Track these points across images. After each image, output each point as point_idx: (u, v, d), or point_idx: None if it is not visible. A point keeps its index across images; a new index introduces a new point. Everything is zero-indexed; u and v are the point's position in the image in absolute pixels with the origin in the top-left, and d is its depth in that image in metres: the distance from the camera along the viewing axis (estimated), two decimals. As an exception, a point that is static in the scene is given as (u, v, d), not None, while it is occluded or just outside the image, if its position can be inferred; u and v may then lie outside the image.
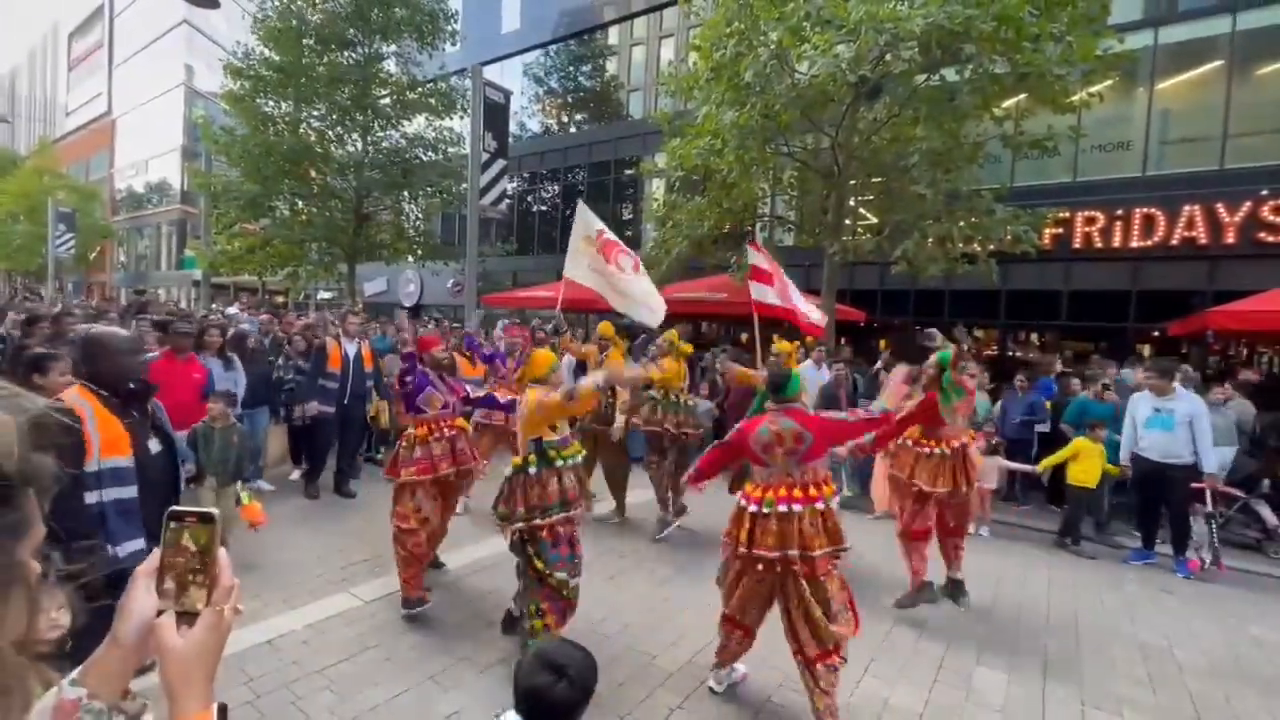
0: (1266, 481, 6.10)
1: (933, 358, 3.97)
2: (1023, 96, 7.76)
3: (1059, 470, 5.94)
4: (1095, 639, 3.94)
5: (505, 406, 3.59)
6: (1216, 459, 5.27)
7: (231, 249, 14.75)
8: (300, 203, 14.42)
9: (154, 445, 2.56)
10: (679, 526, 5.38)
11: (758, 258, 6.52)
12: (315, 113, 14.00)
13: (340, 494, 5.94)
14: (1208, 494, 5.31)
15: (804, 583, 2.74)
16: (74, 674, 0.72)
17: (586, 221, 5.41)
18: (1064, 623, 4.15)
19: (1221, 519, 5.65)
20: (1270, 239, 9.56)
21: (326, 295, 23.77)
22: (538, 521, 3.05)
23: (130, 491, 2.43)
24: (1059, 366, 7.49)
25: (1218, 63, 10.43)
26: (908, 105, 7.98)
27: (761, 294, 6.41)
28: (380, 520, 5.32)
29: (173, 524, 0.71)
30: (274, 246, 14.26)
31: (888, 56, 7.27)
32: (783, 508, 2.76)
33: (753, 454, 2.90)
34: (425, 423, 3.87)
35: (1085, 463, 5.70)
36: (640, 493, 6.05)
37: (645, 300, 5.42)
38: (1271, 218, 9.54)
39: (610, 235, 5.44)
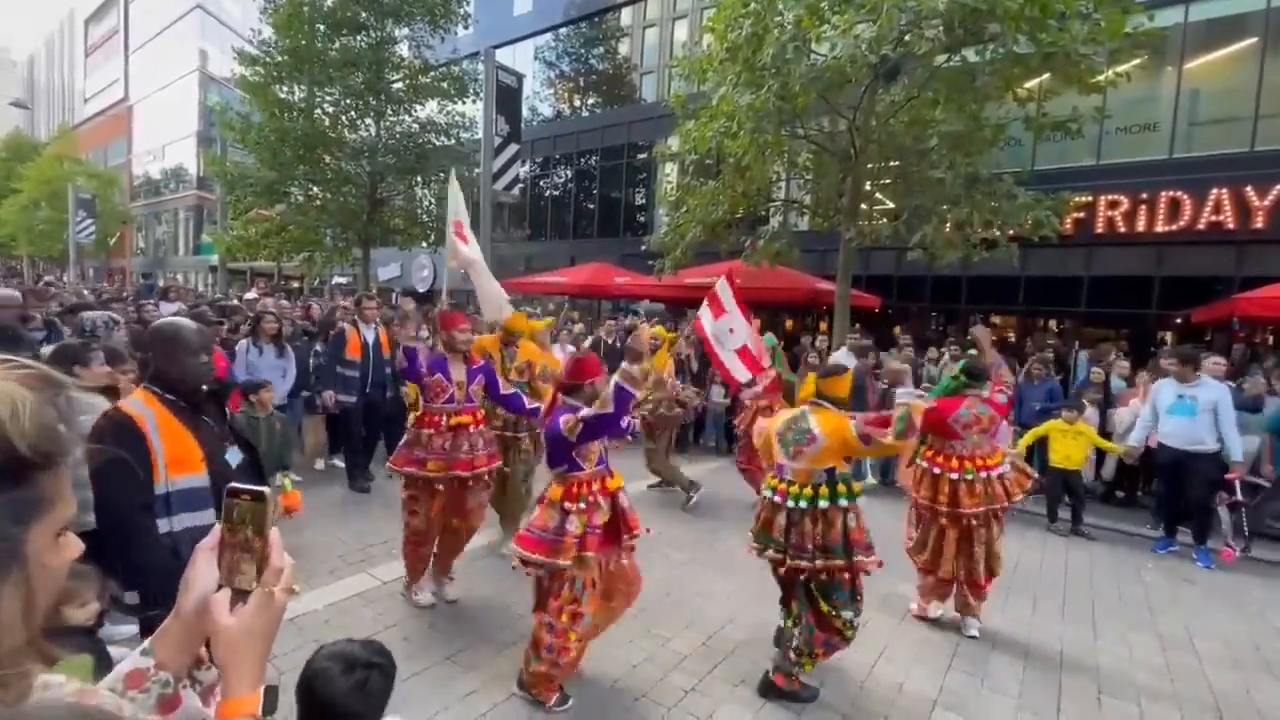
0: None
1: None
2: (1046, 77, 7.56)
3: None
4: (1113, 628, 3.91)
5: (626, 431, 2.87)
6: (1243, 448, 5.19)
7: (248, 234, 14.90)
8: (315, 188, 14.50)
9: (234, 456, 2.09)
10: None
11: (725, 291, 5.58)
12: (329, 97, 14.01)
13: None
14: (1236, 483, 5.25)
15: (985, 530, 3.62)
16: (145, 643, 0.74)
17: (458, 200, 4.92)
18: (1081, 611, 4.12)
19: (1249, 509, 5.59)
20: (1302, 223, 9.31)
21: (342, 280, 23.94)
22: (819, 564, 2.77)
23: (205, 517, 1.96)
24: (1115, 355, 7.42)
25: (1251, 40, 10.10)
26: (927, 87, 7.81)
27: (706, 320, 5.56)
28: (397, 506, 5.40)
29: (230, 500, 0.72)
30: (289, 232, 14.37)
31: (908, 37, 7.11)
32: (984, 474, 3.55)
33: (949, 429, 3.57)
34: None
35: (1065, 445, 5.67)
36: (639, 482, 6.10)
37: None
38: (1303, 201, 9.28)
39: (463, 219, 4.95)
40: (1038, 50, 6.72)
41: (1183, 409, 5.19)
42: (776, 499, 2.92)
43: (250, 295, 12.25)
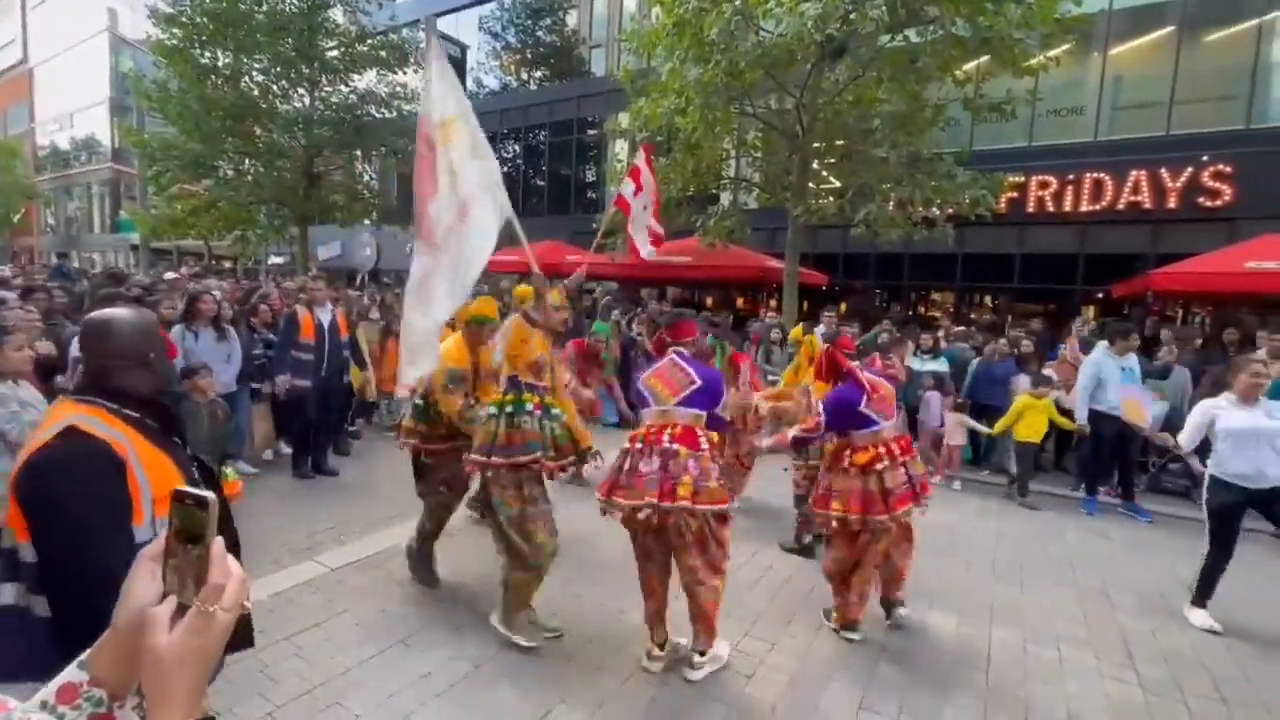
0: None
1: None
2: (984, 59, 7.81)
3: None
4: (1037, 582, 4.20)
5: None
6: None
7: (172, 212, 14.01)
8: (246, 162, 13.71)
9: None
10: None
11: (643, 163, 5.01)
12: (257, 65, 13.19)
13: (321, 472, 5.66)
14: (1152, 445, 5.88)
15: None
16: (83, 656, 0.67)
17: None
18: (1009, 570, 4.40)
19: (1155, 468, 6.10)
20: (1209, 204, 9.98)
21: (278, 260, 22.84)
22: None
23: None
24: (1078, 330, 7.80)
25: (1168, 29, 10.66)
26: (871, 67, 7.96)
27: (628, 193, 4.93)
28: (347, 490, 5.28)
29: (174, 505, 0.64)
30: (219, 209, 13.58)
31: (852, 15, 7.21)
32: None
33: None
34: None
35: (1030, 420, 5.95)
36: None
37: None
38: (1211, 183, 9.94)
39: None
40: (975, 33, 6.93)
41: (1128, 379, 5.61)
42: None
43: (170, 275, 11.43)
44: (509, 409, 3.03)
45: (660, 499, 2.68)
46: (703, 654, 2.92)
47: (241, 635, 1.71)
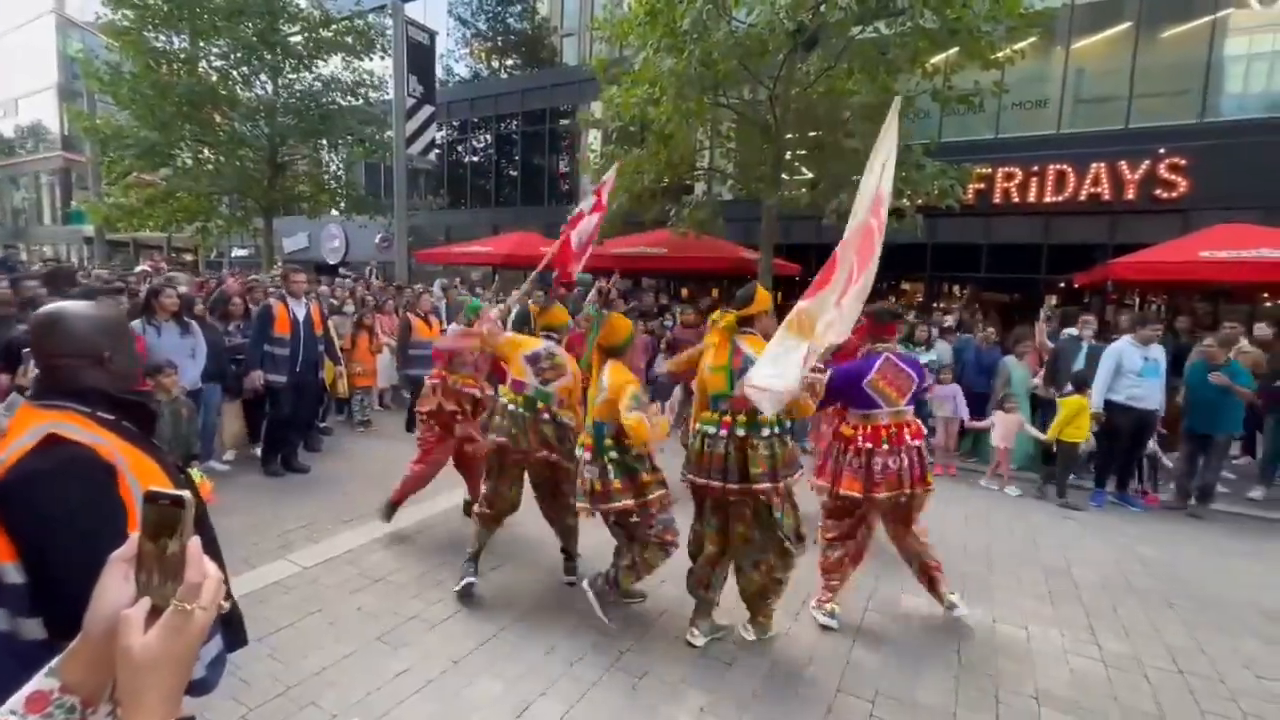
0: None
1: None
2: (952, 52, 7.93)
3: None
4: (1005, 564, 4.32)
5: None
6: None
7: (128, 202, 13.46)
8: (206, 150, 13.24)
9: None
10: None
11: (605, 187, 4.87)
12: (215, 49, 12.73)
13: (291, 470, 5.53)
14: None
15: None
16: (52, 663, 0.65)
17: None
18: (979, 551, 4.52)
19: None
20: (1165, 195, 10.31)
21: (242, 252, 22.20)
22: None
23: None
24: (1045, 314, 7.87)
25: (1126, 24, 10.95)
26: (842, 58, 8.02)
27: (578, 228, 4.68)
28: (318, 488, 5.17)
29: (148, 506, 0.63)
30: (179, 199, 13.10)
31: (823, 6, 7.25)
32: None
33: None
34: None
35: (1080, 420, 5.73)
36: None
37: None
38: (1167, 175, 10.27)
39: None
40: (943, 25, 7.03)
41: (1153, 371, 5.57)
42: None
43: (141, 268, 10.99)
44: (710, 428, 2.99)
45: (913, 487, 3.29)
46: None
47: (236, 634, 1.73)
